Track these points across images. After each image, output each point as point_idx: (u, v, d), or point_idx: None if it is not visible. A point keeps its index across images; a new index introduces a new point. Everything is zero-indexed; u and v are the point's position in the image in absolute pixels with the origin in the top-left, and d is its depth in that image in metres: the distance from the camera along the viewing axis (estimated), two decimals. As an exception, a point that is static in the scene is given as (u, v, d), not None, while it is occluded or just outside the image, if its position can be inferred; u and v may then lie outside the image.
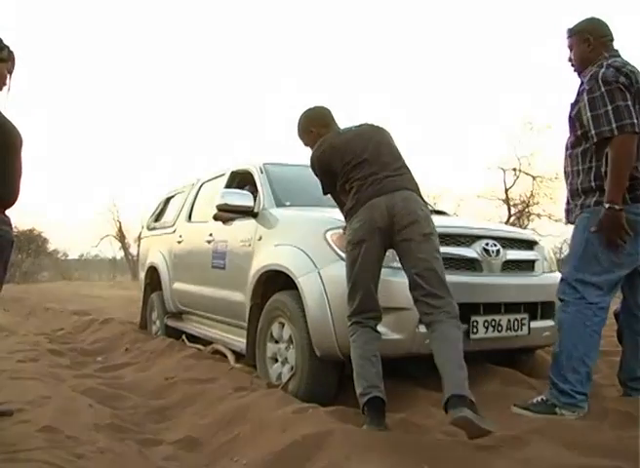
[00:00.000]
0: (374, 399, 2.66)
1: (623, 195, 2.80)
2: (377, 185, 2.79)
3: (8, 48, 2.87)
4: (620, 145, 2.79)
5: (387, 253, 2.86)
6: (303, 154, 3.34)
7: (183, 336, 5.61)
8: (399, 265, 2.93)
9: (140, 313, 6.97)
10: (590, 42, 3.06)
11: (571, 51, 3.16)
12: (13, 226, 2.94)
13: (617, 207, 2.76)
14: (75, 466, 2.31)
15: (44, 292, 16.44)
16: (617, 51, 3.07)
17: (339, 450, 2.30)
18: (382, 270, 2.86)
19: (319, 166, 3.03)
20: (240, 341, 4.25)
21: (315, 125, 3.19)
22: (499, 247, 3.50)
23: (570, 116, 3.07)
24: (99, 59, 56.06)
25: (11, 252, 2.96)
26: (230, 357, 4.54)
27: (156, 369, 4.56)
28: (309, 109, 3.25)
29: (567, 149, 3.13)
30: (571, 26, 3.15)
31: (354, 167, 2.86)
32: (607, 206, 2.78)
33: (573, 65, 3.17)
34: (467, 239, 3.44)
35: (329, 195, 3.18)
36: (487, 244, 3.48)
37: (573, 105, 3.06)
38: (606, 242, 2.82)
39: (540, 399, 2.97)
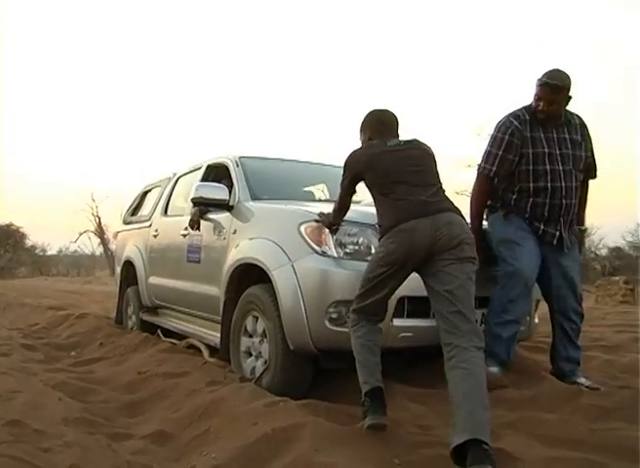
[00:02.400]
0: (375, 389, 2.66)
1: None
2: (419, 206, 2.66)
3: None
4: None
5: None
6: (281, 149, 3.30)
7: (159, 331, 5.56)
8: None
9: (115, 308, 6.91)
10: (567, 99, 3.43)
11: (552, 104, 3.35)
12: None
13: None
14: (40, 460, 2.27)
15: (21, 288, 16.26)
16: None
17: (308, 443, 2.29)
18: (363, 263, 2.87)
19: (349, 165, 2.95)
20: (215, 336, 4.21)
21: (368, 128, 3.07)
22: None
23: (580, 155, 3.48)
24: (86, 52, 55.63)
25: None
26: (205, 351, 4.50)
27: (130, 363, 4.51)
28: (374, 111, 3.12)
29: (574, 181, 3.47)
30: (560, 82, 3.32)
31: (394, 183, 2.74)
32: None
33: (546, 114, 3.40)
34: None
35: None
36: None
37: (579, 144, 3.49)
38: None
39: None
